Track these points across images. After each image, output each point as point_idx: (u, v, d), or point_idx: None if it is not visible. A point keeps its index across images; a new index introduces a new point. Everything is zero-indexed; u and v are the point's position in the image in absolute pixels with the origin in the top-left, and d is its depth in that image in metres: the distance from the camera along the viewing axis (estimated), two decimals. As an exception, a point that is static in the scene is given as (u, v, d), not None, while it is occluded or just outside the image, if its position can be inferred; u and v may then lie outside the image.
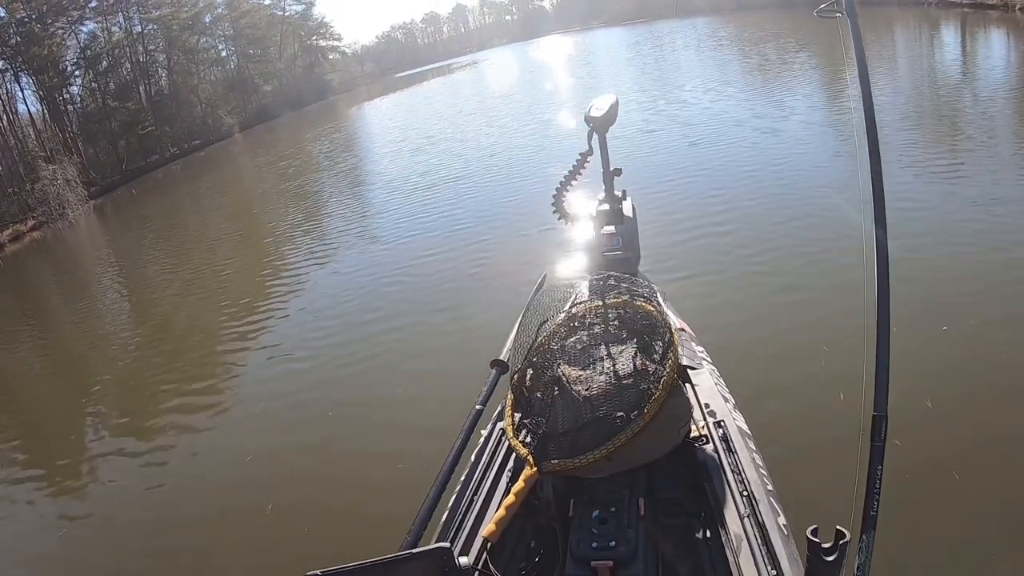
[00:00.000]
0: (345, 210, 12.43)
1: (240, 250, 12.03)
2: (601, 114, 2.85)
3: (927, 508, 2.92)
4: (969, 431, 3.36)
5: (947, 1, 33.57)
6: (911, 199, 6.34)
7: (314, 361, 6.23)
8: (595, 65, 30.13)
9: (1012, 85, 12.65)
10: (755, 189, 7.53)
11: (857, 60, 1.81)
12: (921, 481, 3.04)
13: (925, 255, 5.17)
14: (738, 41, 27.17)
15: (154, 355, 7.85)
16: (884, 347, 1.55)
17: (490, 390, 2.02)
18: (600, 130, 2.89)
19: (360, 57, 72.85)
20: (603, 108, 2.87)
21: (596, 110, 2.87)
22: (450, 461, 1.74)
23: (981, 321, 4.22)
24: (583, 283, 2.24)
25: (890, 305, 1.58)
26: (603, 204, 3.07)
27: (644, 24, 52.64)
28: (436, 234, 9.00)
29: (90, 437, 6.14)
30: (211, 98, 45.15)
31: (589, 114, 2.88)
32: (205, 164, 32.50)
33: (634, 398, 1.60)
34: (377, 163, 17.43)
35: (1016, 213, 5.71)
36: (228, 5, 47.85)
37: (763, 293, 5.15)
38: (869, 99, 1.75)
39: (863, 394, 1.51)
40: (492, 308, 5.95)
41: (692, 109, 13.02)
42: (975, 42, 23.27)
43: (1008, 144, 8.13)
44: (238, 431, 5.41)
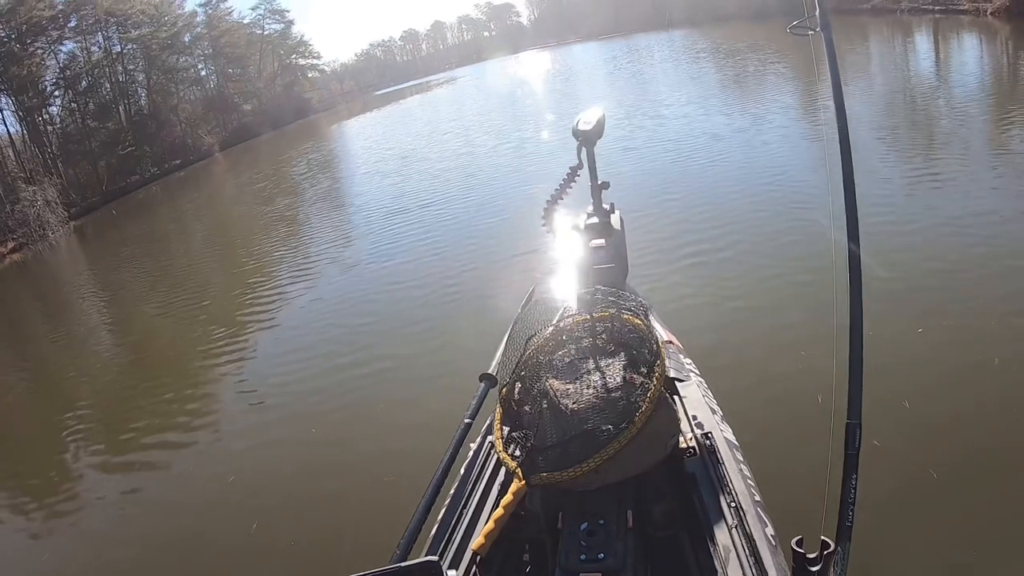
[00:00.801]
0: (326, 232, 12.22)
1: (220, 271, 11.93)
2: (589, 128, 2.82)
3: (906, 507, 2.99)
4: (946, 430, 3.43)
5: (919, 8, 34.38)
6: (888, 206, 6.50)
7: (297, 377, 6.22)
8: (574, 81, 30.15)
9: (986, 90, 13.08)
10: (736, 203, 7.60)
11: (831, 77, 1.86)
12: (900, 480, 3.11)
13: (902, 260, 5.27)
14: (715, 53, 27.51)
15: (136, 376, 7.80)
16: (857, 356, 1.61)
17: (479, 403, 2.02)
18: (588, 143, 2.87)
19: (339, 75, 72.94)
20: (591, 122, 2.84)
21: (584, 124, 2.83)
22: (439, 474, 1.74)
23: (956, 323, 4.32)
24: (571, 297, 2.28)
25: (863, 314, 1.65)
26: (591, 217, 3.04)
27: (621, 38, 52.94)
28: (420, 253, 8.99)
29: (71, 459, 6.04)
30: (191, 117, 45.00)
31: (577, 128, 2.85)
32: (185, 184, 32.31)
33: (621, 411, 1.61)
34: (357, 183, 17.26)
35: (989, 218, 5.87)
36: (207, 24, 47.94)
37: (746, 304, 5.22)
38: (843, 117, 1.82)
39: (832, 404, 1.59)
40: (480, 323, 5.96)
41: (671, 124, 13.11)
42: (948, 47, 23.78)
43: (982, 150, 8.35)
44: (220, 451, 5.38)
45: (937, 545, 2.83)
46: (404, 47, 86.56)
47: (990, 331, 4.15)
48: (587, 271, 2.83)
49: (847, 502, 1.44)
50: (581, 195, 3.01)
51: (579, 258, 2.93)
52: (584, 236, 2.98)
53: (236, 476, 4.81)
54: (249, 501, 4.45)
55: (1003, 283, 4.68)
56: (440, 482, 1.73)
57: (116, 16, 38.65)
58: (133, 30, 40.18)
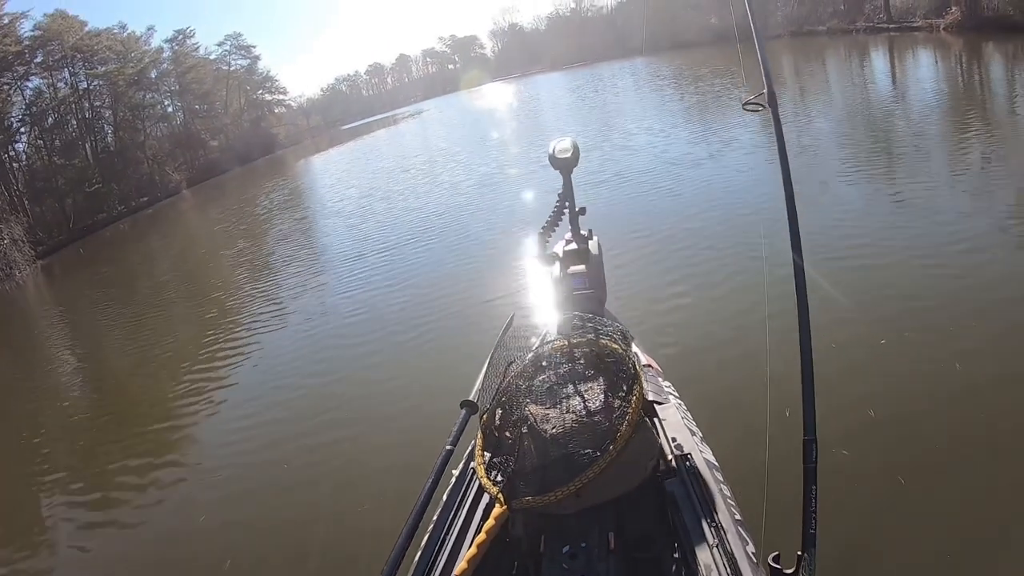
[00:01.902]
0: (296, 270, 11.84)
1: (187, 310, 11.59)
2: (567, 156, 2.96)
3: (876, 513, 3.07)
4: (911, 436, 3.51)
5: (874, 27, 35.72)
6: (851, 222, 6.73)
7: (272, 408, 6.16)
8: (539, 115, 30.19)
9: (942, 103, 13.77)
10: (697, 230, 7.65)
11: (778, 147, 2.04)
12: (870, 487, 3.19)
13: (865, 272, 5.51)
14: (677, 80, 28.16)
15: (104, 417, 7.57)
16: (808, 376, 1.68)
17: (460, 430, 2.01)
18: (565, 171, 3.00)
19: (306, 110, 72.96)
20: (568, 150, 2.97)
21: (561, 152, 2.97)
22: (421, 501, 1.73)
23: (918, 332, 4.46)
24: (550, 323, 2.35)
25: (811, 342, 1.74)
26: (570, 243, 3.12)
27: (584, 67, 54.17)
28: (394, 283, 8.95)
29: (41, 500, 5.84)
30: (158, 154, 44.56)
31: (555, 156, 2.99)
32: (153, 222, 31.82)
33: (601, 435, 1.64)
34: (323, 223, 16.89)
35: (948, 229, 6.09)
36: (174, 60, 47.80)
37: (718, 328, 5.23)
38: (789, 182, 1.96)
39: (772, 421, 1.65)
40: (460, 350, 5.94)
41: (637, 155, 13.17)
42: (904, 64, 24.74)
43: (939, 161, 8.71)
44: (192, 489, 5.20)
45: (911, 547, 2.90)
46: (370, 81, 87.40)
47: (952, 338, 4.30)
48: (567, 297, 2.90)
49: (809, 511, 1.49)
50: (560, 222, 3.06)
51: (558, 284, 2.99)
52: (563, 262, 3.05)
53: (207, 516, 4.67)
54: (222, 538, 4.35)
55: (965, 292, 4.87)
56: (422, 509, 1.72)
57: (83, 52, 38.38)
58: (100, 66, 39.90)
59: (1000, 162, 8.41)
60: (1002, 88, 15.96)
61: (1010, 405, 3.58)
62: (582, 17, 69.95)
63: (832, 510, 2.88)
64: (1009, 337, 4.23)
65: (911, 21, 33.50)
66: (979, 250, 5.59)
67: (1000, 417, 3.50)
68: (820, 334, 4.50)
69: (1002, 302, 4.70)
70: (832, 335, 4.52)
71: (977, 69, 20.79)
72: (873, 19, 36.93)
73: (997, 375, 3.88)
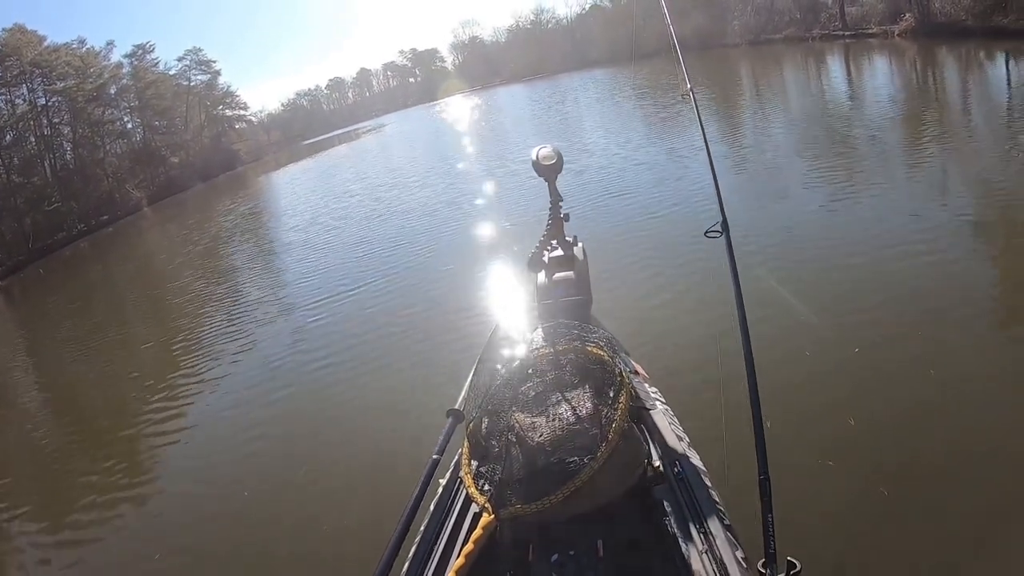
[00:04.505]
0: (267, 287, 11.66)
1: (153, 329, 11.36)
2: (551, 163, 2.97)
3: (863, 523, 3.17)
4: (892, 445, 3.59)
5: (829, 34, 36.79)
6: (824, 233, 6.85)
7: (250, 420, 6.12)
8: (501, 129, 29.92)
9: (897, 107, 14.22)
10: (681, 234, 7.71)
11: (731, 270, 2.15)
12: (856, 499, 3.28)
13: (836, 282, 5.64)
14: (635, 90, 28.49)
15: (65, 443, 7.43)
16: (757, 417, 1.72)
17: (446, 439, 1.97)
18: (550, 178, 3.01)
19: (266, 125, 72.08)
20: (551, 157, 2.98)
21: (545, 159, 2.97)
22: (408, 511, 1.72)
23: (892, 340, 4.56)
24: (536, 331, 2.35)
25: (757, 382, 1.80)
26: (555, 250, 3.12)
27: (544, 80, 54.53)
28: (377, 292, 8.91)
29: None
30: (118, 172, 43.58)
31: (539, 163, 2.98)
32: (113, 241, 31.15)
33: (587, 442, 1.66)
34: (284, 242, 16.31)
35: (917, 236, 6.23)
36: (133, 76, 46.94)
37: (704, 333, 5.11)
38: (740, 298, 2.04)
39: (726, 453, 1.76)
40: (443, 360, 5.93)
41: (597, 157, 13.45)
42: (860, 69, 25.53)
43: (898, 166, 9.01)
44: (164, 511, 5.13)
45: (897, 556, 3.01)
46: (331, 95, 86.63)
47: (925, 345, 4.43)
48: (553, 304, 2.92)
49: (768, 534, 1.51)
50: (543, 226, 3.12)
51: (544, 291, 3.02)
52: (549, 269, 3.07)
53: (161, 554, 4.56)
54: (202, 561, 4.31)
55: (937, 301, 4.98)
56: (409, 519, 1.71)
57: (41, 67, 37.46)
58: (59, 82, 38.92)
59: (953, 163, 8.77)
60: (955, 90, 16.74)
61: (990, 412, 3.68)
62: (542, 30, 70.51)
63: (817, 519, 3.19)
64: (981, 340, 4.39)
65: (866, 28, 34.55)
66: (938, 251, 5.77)
67: (982, 424, 3.60)
68: (792, 344, 4.78)
69: (967, 303, 4.84)
70: (803, 344, 4.70)
71: (931, 73, 21.63)
72: (829, 27, 38.03)
73: (967, 377, 4.00)
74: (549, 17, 71.36)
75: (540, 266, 3.08)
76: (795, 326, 5.01)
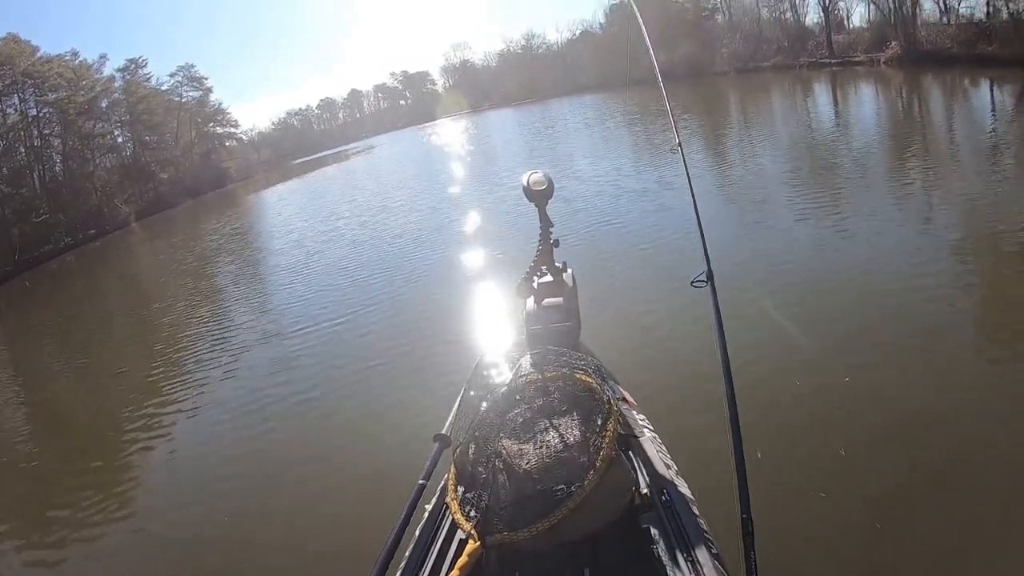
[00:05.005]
0: (250, 312, 11.28)
1: (135, 351, 11.02)
2: (542, 188, 2.95)
3: (855, 556, 3.22)
4: (884, 477, 3.62)
5: (816, 63, 37.52)
6: (810, 262, 7.03)
7: (235, 445, 6.06)
8: (491, 156, 29.53)
9: (884, 135, 14.56)
10: (668, 262, 7.84)
11: (715, 319, 2.17)
12: (848, 530, 3.33)
13: (825, 309, 5.72)
14: (626, 116, 28.92)
15: (47, 458, 7.32)
16: (739, 457, 1.73)
17: (432, 464, 1.99)
18: (540, 203, 2.98)
19: (257, 143, 72.06)
20: (542, 182, 2.95)
21: (536, 184, 2.95)
22: (393, 537, 1.72)
23: (882, 369, 4.63)
24: (524, 357, 2.32)
25: (740, 426, 1.80)
26: (544, 275, 3.11)
27: (534, 104, 55.16)
28: (364, 316, 8.82)
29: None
30: (107, 186, 43.31)
31: (530, 188, 2.96)
32: (101, 256, 30.83)
33: (576, 470, 1.64)
34: (274, 259, 16.27)
35: (906, 266, 6.36)
36: (125, 90, 46.91)
37: (692, 361, 5.19)
38: (725, 353, 2.06)
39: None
40: (431, 383, 5.93)
41: (600, 197, 12.94)
42: (847, 97, 25.96)
43: (885, 195, 9.19)
44: (137, 538, 5.01)
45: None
46: (321, 116, 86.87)
47: (915, 374, 4.51)
48: (542, 330, 2.93)
49: (750, 570, 1.52)
50: (532, 253, 3.11)
51: (533, 317, 3.02)
52: (538, 294, 3.07)
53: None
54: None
55: (926, 331, 5.06)
56: (395, 545, 1.71)
57: (34, 78, 37.36)
58: (50, 93, 38.78)
59: (940, 191, 8.97)
60: (941, 117, 17.07)
61: (980, 442, 3.73)
62: (532, 54, 71.29)
63: (809, 551, 3.26)
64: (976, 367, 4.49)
65: (853, 56, 35.29)
66: (926, 283, 5.85)
67: (974, 454, 3.65)
68: (782, 371, 4.85)
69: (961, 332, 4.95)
70: (792, 372, 4.76)
71: (917, 100, 22.08)
72: (816, 55, 38.85)
73: (957, 407, 4.05)
74: (539, 42, 72.33)
75: (529, 291, 3.07)
76: (784, 354, 5.08)
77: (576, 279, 3.18)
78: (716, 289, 2.32)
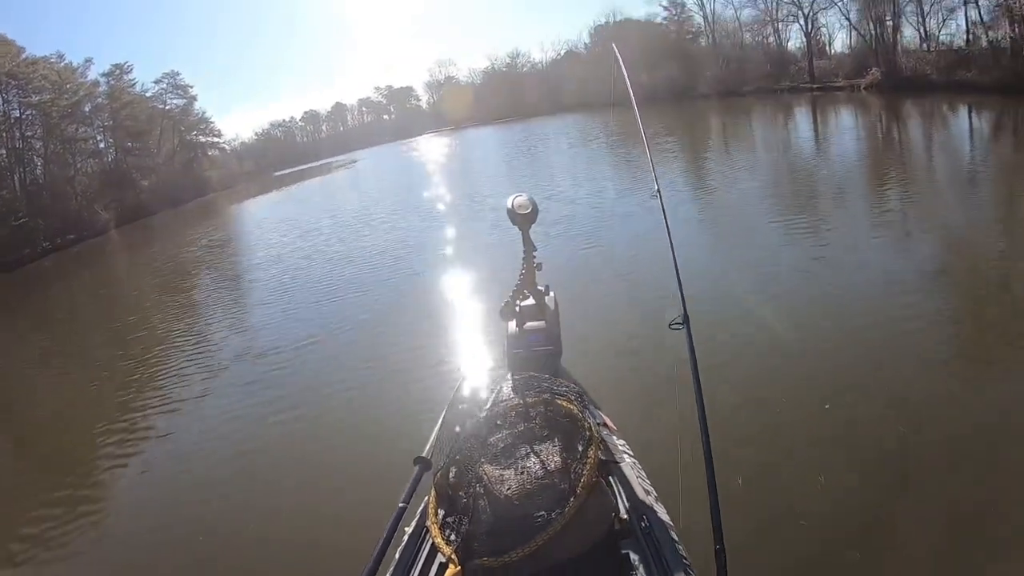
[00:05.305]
0: (226, 329, 11.20)
1: (107, 365, 10.73)
2: (526, 212, 2.96)
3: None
4: (863, 506, 3.71)
5: (797, 87, 38.32)
6: (789, 289, 7.24)
7: (210, 469, 5.97)
8: (474, 174, 29.93)
9: (863, 161, 15.16)
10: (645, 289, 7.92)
11: (691, 362, 2.19)
12: (827, 560, 3.43)
13: (805, 338, 5.90)
14: (608, 139, 29.00)
15: (14, 473, 7.25)
16: (713, 492, 1.71)
17: (413, 487, 1.98)
18: (524, 227, 2.99)
19: (239, 154, 71.52)
20: (526, 206, 2.96)
21: (520, 208, 2.96)
22: (373, 560, 1.71)
23: (858, 397, 4.79)
24: (506, 381, 2.34)
25: (711, 445, 1.82)
26: (527, 299, 3.12)
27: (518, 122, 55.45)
28: (343, 336, 8.88)
29: None
30: (87, 191, 42.71)
31: (514, 212, 2.97)
32: (79, 262, 30.33)
33: (556, 496, 1.64)
34: (252, 274, 16.24)
35: (884, 295, 6.62)
36: (109, 95, 46.46)
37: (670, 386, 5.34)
38: (701, 402, 2.07)
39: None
40: (412, 405, 5.91)
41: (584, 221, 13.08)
42: (827, 122, 26.54)
43: (863, 222, 9.52)
44: (114, 555, 4.99)
45: None
46: (305, 128, 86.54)
47: (893, 402, 4.67)
48: (523, 353, 2.96)
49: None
50: (515, 275, 3.12)
51: (515, 340, 3.04)
52: (520, 317, 3.09)
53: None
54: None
55: (906, 359, 5.27)
56: (374, 568, 1.71)
57: (18, 79, 36.93)
58: (34, 95, 38.39)
59: (919, 220, 9.33)
60: (920, 143, 17.69)
61: (960, 470, 3.86)
62: (517, 73, 71.72)
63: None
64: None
65: (833, 81, 36.09)
66: (902, 312, 6.07)
67: (952, 483, 3.77)
68: (761, 396, 4.98)
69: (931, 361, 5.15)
70: (772, 397, 4.92)
71: (896, 126, 22.59)
72: (797, 80, 39.66)
73: (936, 435, 4.21)
74: (524, 61, 72.79)
75: (512, 315, 3.08)
76: (764, 376, 5.21)
77: (558, 302, 3.21)
78: (691, 332, 2.32)
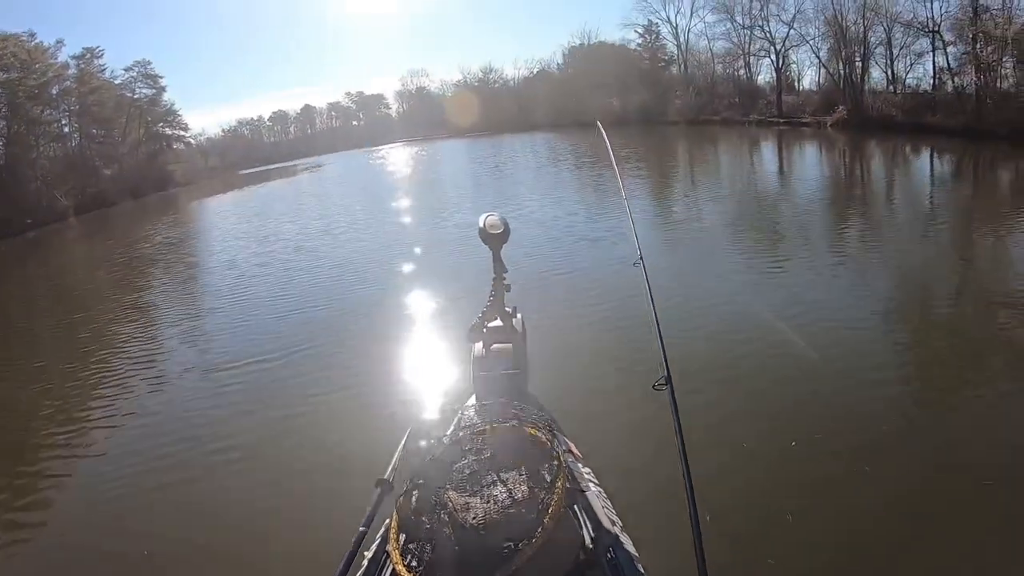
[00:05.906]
0: (175, 336, 10.66)
1: (47, 369, 10.00)
2: (498, 232, 2.94)
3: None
4: (834, 544, 3.81)
5: (765, 120, 39.59)
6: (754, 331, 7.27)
7: (153, 491, 5.56)
8: (441, 186, 29.80)
9: (825, 196, 15.79)
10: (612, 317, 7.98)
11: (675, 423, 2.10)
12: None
13: (773, 379, 6.01)
14: (577, 160, 29.59)
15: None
16: (695, 520, 1.70)
17: (374, 511, 1.93)
18: (495, 247, 2.97)
19: (205, 149, 70.42)
20: (498, 226, 2.95)
21: (492, 227, 2.94)
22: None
23: (825, 436, 4.90)
24: (472, 405, 2.30)
25: (692, 480, 1.85)
26: (494, 320, 3.07)
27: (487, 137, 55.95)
28: (298, 352, 8.48)
29: None
30: (48, 175, 41.73)
31: (485, 231, 2.95)
32: (35, 249, 29.74)
33: (523, 526, 1.60)
34: (206, 279, 15.98)
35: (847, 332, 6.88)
36: (78, 79, 45.41)
37: (635, 412, 5.23)
38: (684, 457, 1.99)
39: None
40: (372, 424, 5.73)
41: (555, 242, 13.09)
42: (792, 156, 27.37)
43: (826, 262, 9.92)
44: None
45: None
46: (272, 128, 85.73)
47: (859, 439, 4.84)
48: (489, 375, 2.90)
49: None
50: (479, 295, 3.11)
51: (481, 362, 2.97)
52: (487, 339, 3.03)
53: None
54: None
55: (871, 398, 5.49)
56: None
57: (-14, 56, 35.99)
58: (1, 72, 37.41)
59: (879, 259, 9.82)
60: (882, 183, 18.39)
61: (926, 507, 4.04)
62: (489, 88, 72.26)
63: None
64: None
65: (801, 117, 37.31)
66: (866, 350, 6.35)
67: (921, 521, 3.94)
68: (731, 435, 5.01)
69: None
70: (741, 435, 5.02)
71: (860, 164, 23.41)
72: (765, 113, 40.87)
73: (900, 472, 4.37)
74: (497, 76, 73.45)
75: (479, 336, 3.04)
76: (731, 416, 5.31)
77: (525, 325, 3.17)
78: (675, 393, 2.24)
